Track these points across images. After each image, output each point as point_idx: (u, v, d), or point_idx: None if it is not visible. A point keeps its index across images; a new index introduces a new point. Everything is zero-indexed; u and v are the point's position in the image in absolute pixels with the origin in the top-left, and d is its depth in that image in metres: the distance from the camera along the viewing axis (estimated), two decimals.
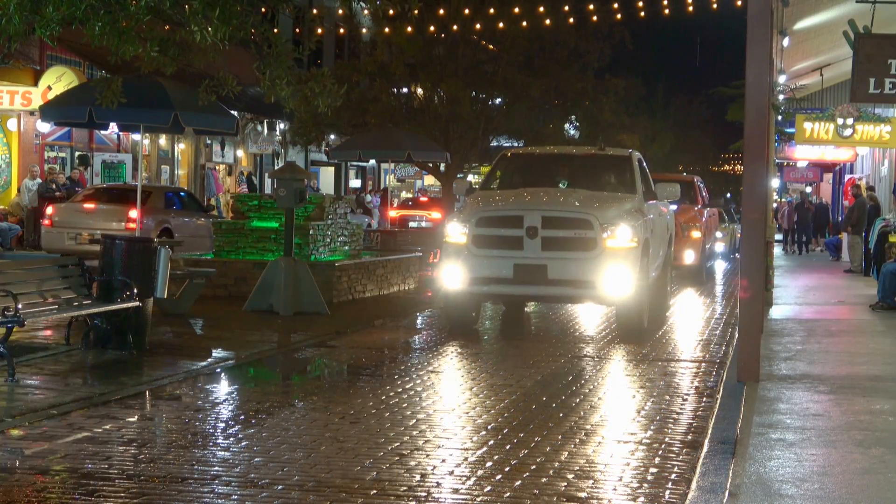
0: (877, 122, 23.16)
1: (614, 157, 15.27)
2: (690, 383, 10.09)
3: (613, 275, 12.54)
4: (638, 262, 12.79)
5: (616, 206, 13.16)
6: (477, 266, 12.88)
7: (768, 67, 10.79)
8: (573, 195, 13.55)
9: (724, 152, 73.11)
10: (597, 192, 13.77)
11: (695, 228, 22.64)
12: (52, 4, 10.62)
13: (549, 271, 12.66)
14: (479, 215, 12.98)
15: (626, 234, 12.66)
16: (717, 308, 17.71)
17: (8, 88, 25.61)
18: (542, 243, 12.63)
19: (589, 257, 12.61)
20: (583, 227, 12.64)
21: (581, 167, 14.97)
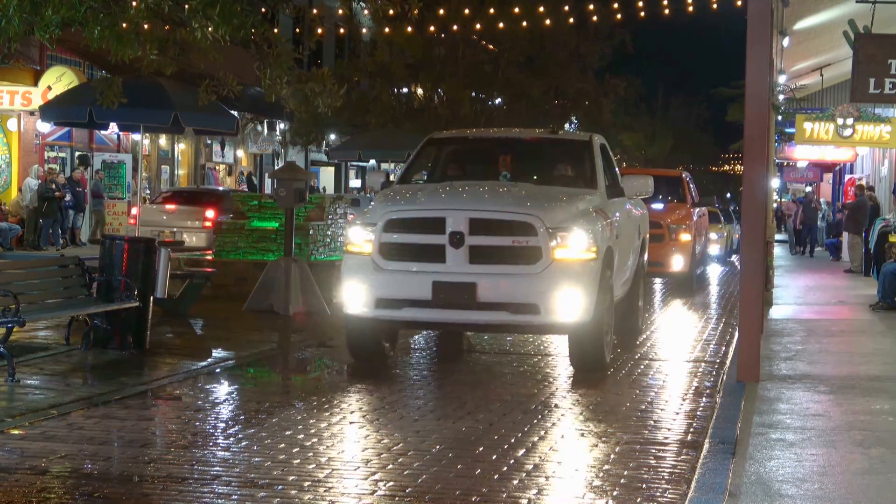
0: (877, 122, 23.15)
1: (570, 142, 12.52)
2: (690, 383, 10.09)
3: (564, 295, 9.68)
4: (597, 277, 9.93)
5: (569, 205, 10.26)
6: (384, 284, 9.95)
7: (768, 67, 10.78)
8: (512, 191, 10.51)
9: (724, 152, 73.18)
10: (545, 187, 10.85)
11: (684, 230, 19.82)
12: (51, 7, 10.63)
13: (478, 291, 9.68)
14: (388, 217, 10.02)
15: (582, 241, 9.79)
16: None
17: (8, 88, 25.62)
18: (470, 254, 9.73)
19: (532, 272, 9.69)
20: (523, 233, 9.74)
21: (528, 156, 12.27)
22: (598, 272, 9.95)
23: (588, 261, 9.85)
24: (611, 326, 10.67)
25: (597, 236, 9.99)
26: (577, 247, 9.78)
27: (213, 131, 24.30)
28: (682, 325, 15.08)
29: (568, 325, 9.90)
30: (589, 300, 9.80)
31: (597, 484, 6.41)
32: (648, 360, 11.45)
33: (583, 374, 10.15)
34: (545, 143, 12.30)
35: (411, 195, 10.68)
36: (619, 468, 6.79)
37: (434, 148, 12.38)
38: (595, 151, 11.60)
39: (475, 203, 10.11)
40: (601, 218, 10.45)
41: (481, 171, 11.76)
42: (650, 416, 8.47)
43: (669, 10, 26.66)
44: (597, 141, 11.86)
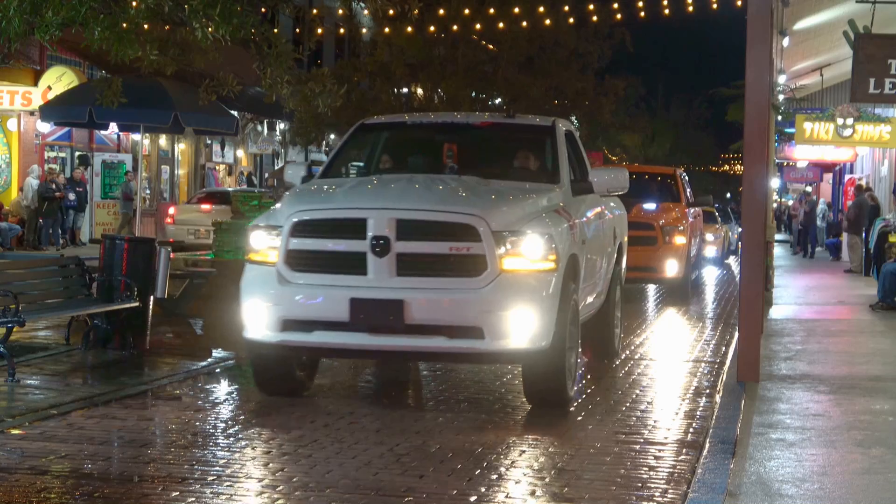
0: (877, 122, 23.15)
1: (529, 127, 10.45)
2: (690, 383, 10.09)
3: (515, 316, 7.86)
4: (557, 292, 8.10)
5: (522, 203, 8.43)
6: (291, 301, 8.13)
7: (768, 67, 10.78)
8: (452, 186, 8.63)
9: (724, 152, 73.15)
10: (495, 182, 8.91)
11: (678, 232, 17.99)
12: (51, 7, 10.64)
13: (407, 310, 7.83)
14: (297, 218, 8.19)
15: (537, 247, 7.98)
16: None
17: (8, 88, 25.63)
18: (398, 264, 7.89)
19: (474, 287, 7.84)
20: (464, 238, 7.87)
21: (479, 144, 10.39)
22: (557, 286, 8.08)
23: (545, 272, 8.01)
24: (576, 351, 8.83)
25: (557, 241, 8.10)
26: (532, 254, 7.95)
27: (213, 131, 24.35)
28: (680, 329, 15.07)
29: (520, 353, 8.03)
30: (546, 321, 7.96)
31: (596, 484, 6.40)
32: (648, 361, 11.45)
33: (542, 410, 8.41)
34: (499, 128, 10.35)
35: (327, 191, 8.88)
36: (618, 468, 6.79)
37: (367, 136, 10.39)
38: (558, 139, 9.69)
39: (403, 201, 8.26)
40: (563, 219, 8.57)
41: (422, 163, 9.85)
42: (650, 416, 8.47)
43: (669, 10, 26.66)
44: (561, 127, 10.00)
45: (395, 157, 10.05)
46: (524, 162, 9.74)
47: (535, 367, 8.18)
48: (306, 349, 8.44)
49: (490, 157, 10.09)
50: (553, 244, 8.07)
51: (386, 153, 10.14)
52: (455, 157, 9.96)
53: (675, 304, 17.59)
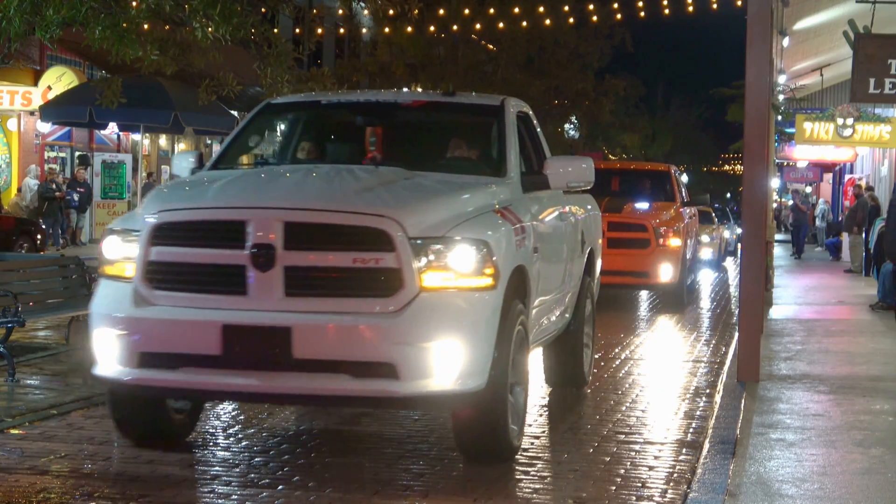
0: (877, 122, 23.16)
1: (471, 108, 8.66)
2: (690, 384, 10.09)
3: (439, 349, 6.12)
4: (496, 316, 6.39)
5: (451, 201, 6.68)
6: (150, 328, 6.35)
7: (768, 67, 10.78)
8: (362, 179, 6.86)
9: (724, 152, 73.21)
10: (424, 175, 7.15)
11: (672, 234, 16.54)
12: (52, 7, 10.65)
13: (297, 341, 6.08)
14: (159, 219, 6.43)
15: (470, 258, 6.26)
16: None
17: (8, 88, 25.63)
18: (286, 280, 6.15)
19: (386, 311, 6.14)
20: (372, 246, 6.15)
21: (410, 129, 8.68)
22: (496, 307, 6.36)
23: (480, 290, 6.27)
24: (525, 387, 7.03)
25: (496, 250, 6.37)
26: (462, 267, 6.21)
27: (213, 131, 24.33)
28: (679, 330, 15.07)
29: (446, 397, 6.18)
30: (480, 354, 6.24)
31: (596, 483, 6.41)
32: (648, 361, 11.45)
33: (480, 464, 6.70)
34: (434, 109, 8.52)
35: (202, 186, 6.97)
36: (618, 468, 6.79)
37: (276, 119, 8.94)
38: (507, 122, 7.90)
39: (294, 198, 6.50)
40: (506, 221, 6.76)
41: (338, 152, 8.37)
42: (650, 417, 8.47)
43: (669, 10, 26.67)
44: (512, 107, 8.16)
45: (308, 145, 8.30)
46: (464, 150, 8.00)
47: (469, 417, 6.46)
48: (170, 391, 6.54)
49: (422, 145, 8.37)
50: (490, 254, 6.28)
51: (298, 140, 8.43)
52: (379, 145, 8.10)
53: (669, 311, 16.47)
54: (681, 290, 16.91)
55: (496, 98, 8.47)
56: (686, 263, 17.45)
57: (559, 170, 7.86)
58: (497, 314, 6.39)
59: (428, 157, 7.91)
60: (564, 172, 7.87)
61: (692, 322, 15.49)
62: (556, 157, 8.14)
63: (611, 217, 15.69)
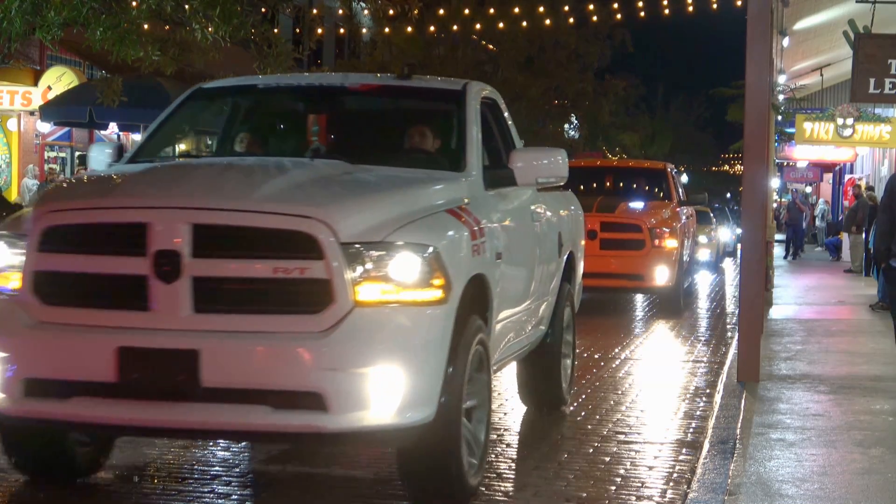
0: (877, 122, 23.18)
1: (428, 93, 7.56)
2: (690, 383, 10.09)
3: (378, 376, 5.20)
4: (448, 333, 5.48)
5: (394, 200, 5.73)
6: (37, 351, 5.41)
7: (768, 67, 10.79)
8: (294, 173, 5.95)
9: (724, 152, 73.18)
10: (368, 169, 6.24)
11: (668, 235, 15.70)
12: (53, 8, 10.66)
13: (207, 367, 5.16)
14: (48, 222, 5.45)
15: (415, 266, 5.32)
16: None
17: (8, 88, 25.63)
18: (194, 294, 5.21)
19: (313, 331, 5.20)
20: (296, 252, 5.21)
21: (360, 118, 7.74)
22: (448, 324, 5.43)
23: (428, 304, 5.33)
24: (486, 415, 6.05)
25: (448, 257, 5.43)
26: (405, 277, 5.26)
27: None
28: (677, 332, 15.07)
29: (385, 432, 5.28)
30: (427, 380, 5.33)
31: (596, 483, 6.41)
32: (648, 361, 11.45)
33: None
34: (387, 95, 7.59)
35: (102, 181, 6.01)
36: (618, 468, 6.79)
37: (210, 106, 7.89)
38: (469, 110, 6.90)
39: (205, 195, 5.44)
40: (461, 223, 5.80)
41: (279, 142, 7.62)
42: (650, 416, 8.47)
43: (669, 10, 26.68)
44: (475, 92, 7.14)
45: (243, 135, 7.33)
46: (420, 141, 6.92)
47: (412, 449, 5.53)
48: (61, 424, 5.54)
49: (372, 134, 7.40)
50: (440, 261, 5.34)
51: (232, 130, 7.51)
52: (322, 134, 7.30)
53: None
54: (677, 293, 16.16)
55: (457, 82, 7.35)
56: (683, 265, 16.67)
57: (526, 163, 6.78)
58: (448, 332, 5.43)
59: (378, 149, 7.06)
60: (533, 166, 6.80)
61: (692, 322, 15.49)
62: (524, 149, 7.10)
63: (604, 217, 15.42)
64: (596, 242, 15.10)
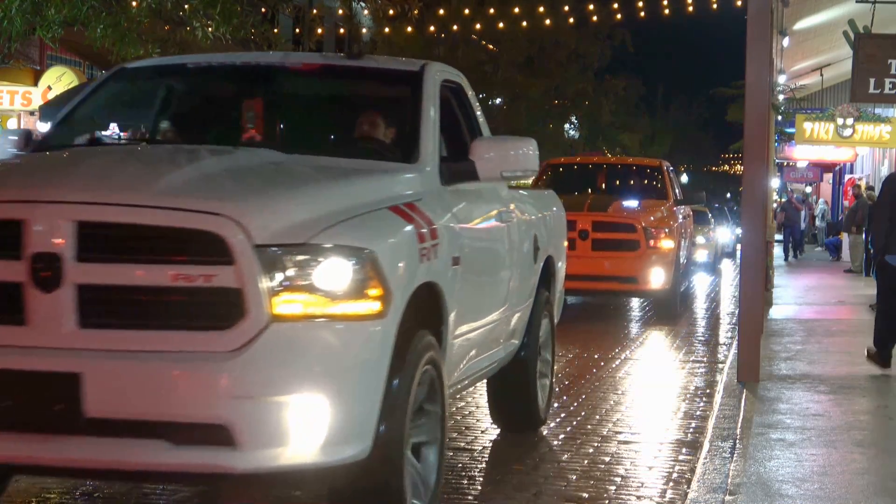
0: (877, 122, 23.18)
1: (381, 75, 6.62)
2: (690, 383, 10.09)
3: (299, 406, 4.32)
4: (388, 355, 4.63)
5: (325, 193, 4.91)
6: None
7: (768, 67, 10.79)
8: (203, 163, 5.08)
9: (724, 152, 73.21)
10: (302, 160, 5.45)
11: (664, 236, 14.93)
12: (53, 6, 10.67)
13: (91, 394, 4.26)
14: None
15: (345, 274, 4.44)
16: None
17: (8, 88, 25.62)
18: (79, 305, 4.32)
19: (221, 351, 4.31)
20: (198, 257, 4.33)
21: (302, 103, 6.80)
22: (386, 343, 4.58)
23: (362, 319, 4.47)
24: (436, 448, 5.17)
25: (388, 262, 4.59)
26: (334, 287, 4.40)
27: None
28: (676, 336, 15.07)
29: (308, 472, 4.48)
30: (360, 409, 4.50)
31: (596, 483, 6.41)
32: (648, 361, 11.45)
33: None
34: (334, 75, 6.60)
35: None
36: (618, 468, 6.79)
37: (134, 88, 6.83)
38: (426, 94, 6.07)
39: (94, 188, 4.55)
40: (409, 223, 4.98)
41: (210, 129, 6.42)
42: (650, 416, 8.47)
43: (669, 10, 26.69)
44: (435, 75, 6.30)
45: (170, 121, 6.59)
46: (369, 128, 6.08)
47: (343, 492, 4.71)
48: None
49: (316, 121, 6.56)
50: (377, 267, 4.48)
51: (157, 115, 6.69)
52: (258, 121, 6.31)
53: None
54: (673, 296, 15.42)
55: (414, 63, 6.50)
56: (679, 267, 15.77)
57: (489, 154, 5.87)
58: (388, 351, 4.57)
59: (321, 137, 6.35)
60: (496, 158, 5.87)
61: (691, 323, 15.49)
62: (487, 138, 6.28)
63: (596, 216, 14.79)
64: (587, 243, 14.64)
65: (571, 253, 13.32)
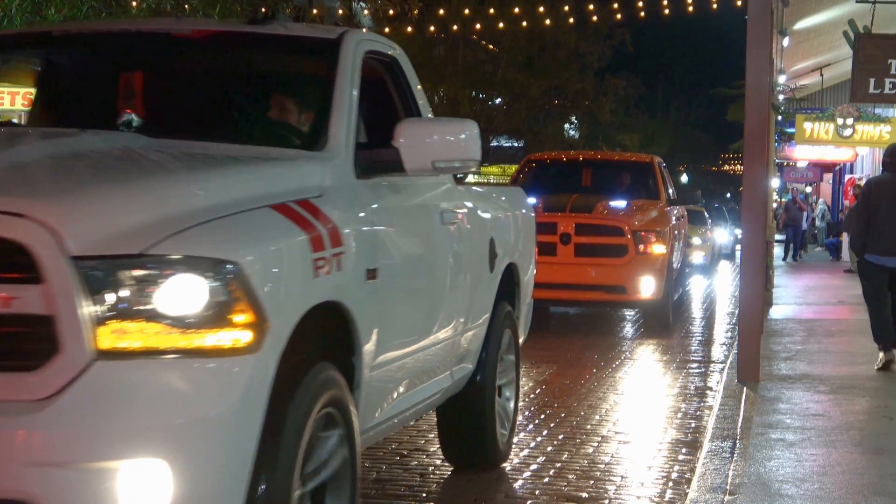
0: (877, 122, 23.19)
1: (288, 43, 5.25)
2: (690, 384, 10.09)
3: (131, 479, 3.14)
4: (258, 405, 3.43)
5: (176, 187, 3.64)
6: None
7: (768, 67, 10.79)
8: (22, 150, 3.88)
9: (724, 152, 73.22)
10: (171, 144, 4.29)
11: (655, 239, 13.53)
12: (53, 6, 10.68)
13: None
14: None
15: (197, 297, 3.26)
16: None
17: (9, 90, 25.65)
18: None
19: (19, 401, 3.13)
20: None
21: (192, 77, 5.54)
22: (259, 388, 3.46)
23: (226, 354, 3.35)
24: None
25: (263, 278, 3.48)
26: (184, 312, 3.29)
27: None
28: (676, 336, 15.07)
29: None
30: (219, 481, 3.35)
31: (596, 483, 6.41)
32: (648, 361, 11.46)
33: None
34: (233, 44, 5.36)
35: None
36: (618, 468, 6.80)
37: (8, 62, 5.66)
38: (343, 67, 4.87)
39: None
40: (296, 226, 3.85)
41: (77, 111, 5.35)
42: (650, 416, 8.48)
43: (669, 10, 26.70)
44: (355, 44, 5.07)
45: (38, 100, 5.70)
46: (274, 109, 5.10)
47: None
48: None
49: (209, 100, 5.32)
50: (247, 286, 3.39)
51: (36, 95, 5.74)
52: (138, 101, 5.25)
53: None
54: (665, 307, 13.98)
55: (333, 30, 5.29)
56: (672, 274, 14.42)
57: (416, 140, 4.64)
58: (262, 395, 3.45)
59: (209, 119, 5.16)
60: (426, 144, 4.65)
61: (691, 323, 15.49)
62: (414, 120, 5.07)
63: (579, 218, 13.44)
64: (570, 248, 13.32)
65: (552, 259, 12.92)
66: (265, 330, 3.43)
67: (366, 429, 4.45)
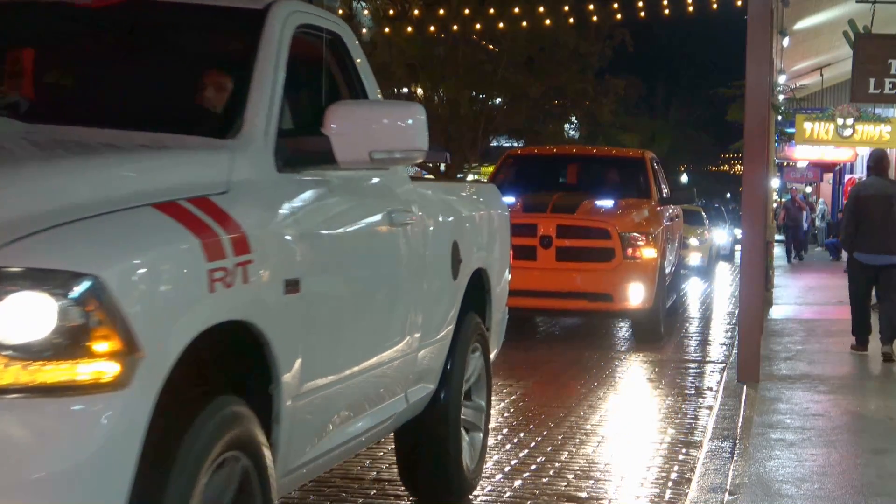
0: (877, 122, 23.17)
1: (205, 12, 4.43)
2: (690, 384, 10.09)
3: None
4: (128, 461, 2.72)
5: (31, 183, 2.90)
6: None
7: (768, 67, 10.79)
8: None
9: (724, 152, 73.23)
10: (33, 131, 3.70)
11: (645, 243, 12.32)
12: None
13: None
14: None
15: (43, 319, 2.59)
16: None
17: None
18: None
19: None
20: None
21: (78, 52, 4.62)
22: (128, 436, 2.74)
23: (84, 391, 2.65)
24: None
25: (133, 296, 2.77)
26: (26, 339, 2.61)
27: None
28: (675, 336, 15.06)
29: None
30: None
31: (597, 483, 6.41)
32: (648, 361, 11.45)
33: None
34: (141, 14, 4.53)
35: None
36: (618, 468, 6.79)
37: None
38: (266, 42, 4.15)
39: None
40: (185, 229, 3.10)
41: None
42: (651, 416, 8.47)
43: (669, 11, 26.71)
44: (284, 16, 4.28)
45: None
46: (192, 93, 4.32)
47: None
48: None
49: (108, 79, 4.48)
50: (112, 305, 2.71)
51: None
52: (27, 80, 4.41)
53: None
54: (656, 316, 12.71)
55: (257, 1, 4.38)
56: (665, 280, 13.22)
57: (348, 126, 3.98)
58: (135, 440, 2.78)
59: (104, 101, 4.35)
60: (362, 133, 3.99)
61: (691, 324, 15.49)
62: (347, 103, 4.29)
63: (562, 219, 12.27)
64: (551, 252, 12.17)
65: (531, 265, 11.86)
66: (136, 360, 2.74)
67: (295, 467, 3.81)
